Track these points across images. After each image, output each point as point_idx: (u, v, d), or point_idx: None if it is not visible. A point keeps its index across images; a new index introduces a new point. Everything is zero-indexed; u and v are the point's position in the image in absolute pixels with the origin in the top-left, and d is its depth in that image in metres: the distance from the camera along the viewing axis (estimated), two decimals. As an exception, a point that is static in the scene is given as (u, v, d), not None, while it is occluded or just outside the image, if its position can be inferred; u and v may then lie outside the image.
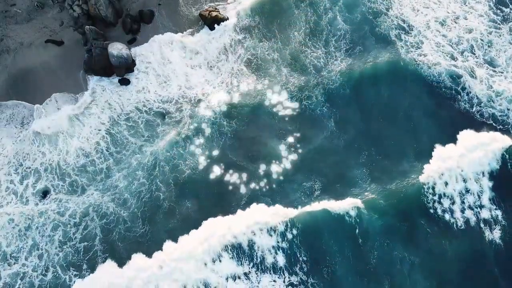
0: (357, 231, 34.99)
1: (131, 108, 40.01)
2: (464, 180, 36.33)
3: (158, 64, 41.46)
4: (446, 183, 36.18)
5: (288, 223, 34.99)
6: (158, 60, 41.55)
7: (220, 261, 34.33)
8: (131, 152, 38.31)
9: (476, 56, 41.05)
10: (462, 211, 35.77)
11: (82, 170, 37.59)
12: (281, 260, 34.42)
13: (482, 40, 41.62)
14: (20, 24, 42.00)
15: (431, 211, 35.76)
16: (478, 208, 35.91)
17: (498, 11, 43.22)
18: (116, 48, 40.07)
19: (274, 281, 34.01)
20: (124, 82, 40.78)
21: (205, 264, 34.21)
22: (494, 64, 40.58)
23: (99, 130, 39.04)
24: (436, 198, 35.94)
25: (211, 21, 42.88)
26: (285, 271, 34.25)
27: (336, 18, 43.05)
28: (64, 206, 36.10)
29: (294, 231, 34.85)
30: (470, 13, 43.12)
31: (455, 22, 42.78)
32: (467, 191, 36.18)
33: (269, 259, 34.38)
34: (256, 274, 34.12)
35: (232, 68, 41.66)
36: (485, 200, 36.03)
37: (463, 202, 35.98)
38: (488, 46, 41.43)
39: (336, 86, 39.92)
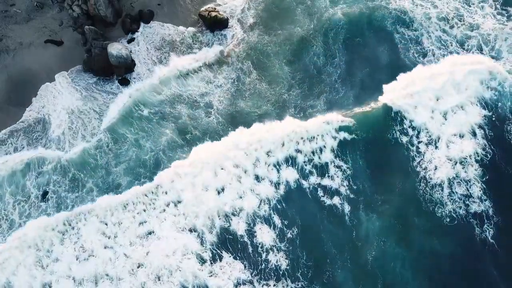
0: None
1: (128, 106, 40.05)
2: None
3: (155, 65, 41.55)
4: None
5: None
6: (154, 60, 41.71)
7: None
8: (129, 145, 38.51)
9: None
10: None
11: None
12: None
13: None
14: (20, 24, 41.97)
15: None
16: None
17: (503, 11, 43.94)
18: (116, 48, 40.05)
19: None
20: (124, 82, 40.75)
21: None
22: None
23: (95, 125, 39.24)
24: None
25: (211, 21, 42.83)
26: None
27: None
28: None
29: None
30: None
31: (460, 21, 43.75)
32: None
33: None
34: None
35: (232, 68, 41.70)
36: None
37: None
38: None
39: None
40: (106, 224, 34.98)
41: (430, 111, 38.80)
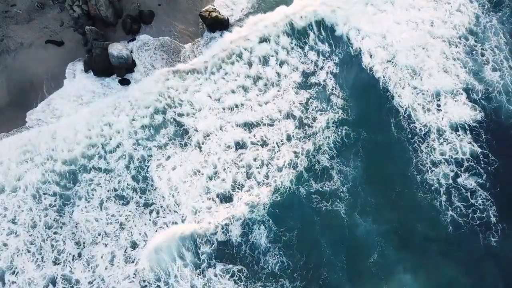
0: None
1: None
2: None
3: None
4: None
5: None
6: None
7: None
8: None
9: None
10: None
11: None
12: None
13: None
14: (20, 25, 42.07)
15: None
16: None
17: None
18: (116, 49, 40.12)
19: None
20: (124, 82, 40.77)
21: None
22: None
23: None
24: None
25: (211, 21, 42.73)
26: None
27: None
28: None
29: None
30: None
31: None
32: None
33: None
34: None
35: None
36: None
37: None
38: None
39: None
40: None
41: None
